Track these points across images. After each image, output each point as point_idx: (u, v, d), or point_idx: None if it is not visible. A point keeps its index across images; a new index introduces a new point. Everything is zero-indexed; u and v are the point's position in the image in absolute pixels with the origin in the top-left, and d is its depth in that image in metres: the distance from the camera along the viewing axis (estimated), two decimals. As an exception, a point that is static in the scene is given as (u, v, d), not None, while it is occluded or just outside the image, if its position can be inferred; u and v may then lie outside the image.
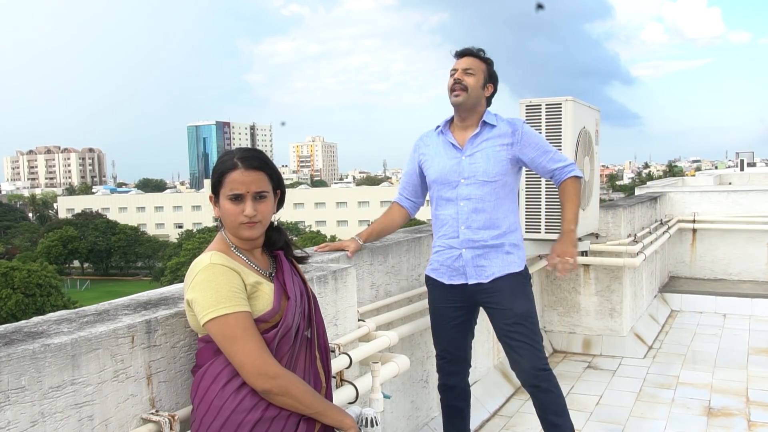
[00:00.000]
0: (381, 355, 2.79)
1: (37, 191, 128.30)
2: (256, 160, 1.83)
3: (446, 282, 3.00)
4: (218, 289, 1.73)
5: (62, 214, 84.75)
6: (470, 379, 4.17)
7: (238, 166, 1.80)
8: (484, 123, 2.93)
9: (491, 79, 2.97)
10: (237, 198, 1.80)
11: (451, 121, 3.04)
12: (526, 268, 3.00)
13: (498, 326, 2.97)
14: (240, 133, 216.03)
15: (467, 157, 2.91)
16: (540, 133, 4.64)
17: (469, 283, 2.94)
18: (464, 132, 2.97)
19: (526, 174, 4.70)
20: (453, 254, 2.96)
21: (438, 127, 3.05)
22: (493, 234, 2.91)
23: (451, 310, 3.02)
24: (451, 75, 2.95)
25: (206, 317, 1.71)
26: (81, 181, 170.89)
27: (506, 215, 2.94)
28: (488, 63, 2.97)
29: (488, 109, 3.00)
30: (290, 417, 1.77)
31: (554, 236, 4.66)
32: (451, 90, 2.91)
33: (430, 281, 3.10)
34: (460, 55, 2.97)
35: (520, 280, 2.96)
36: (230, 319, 1.71)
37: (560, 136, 4.55)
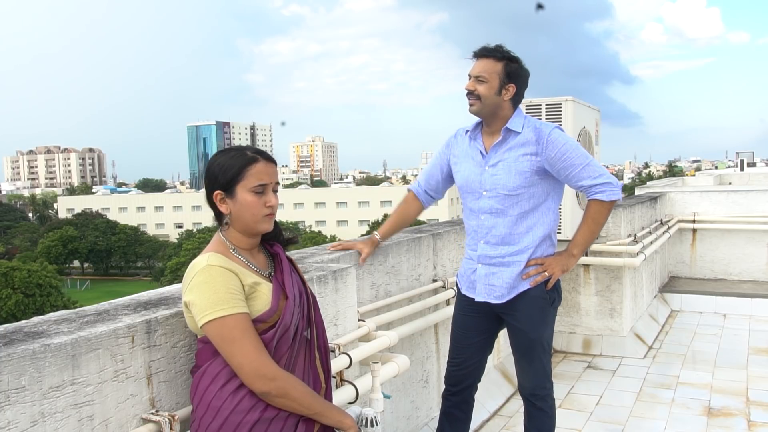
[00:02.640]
0: (381, 355, 2.79)
1: (37, 191, 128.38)
2: (267, 153, 1.89)
3: (462, 291, 2.94)
4: (216, 290, 1.72)
5: (62, 214, 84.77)
6: (470, 379, 4.17)
7: (260, 159, 1.83)
8: (508, 130, 2.70)
9: (511, 78, 2.67)
10: (261, 189, 1.83)
11: (481, 123, 2.84)
12: (547, 289, 2.77)
13: (511, 341, 2.90)
14: (240, 133, 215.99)
15: (490, 167, 2.72)
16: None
17: (477, 299, 2.84)
18: (491, 137, 2.76)
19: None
20: (471, 266, 2.86)
21: (467, 131, 2.86)
22: (510, 251, 2.73)
23: (470, 319, 2.91)
24: (468, 78, 2.73)
25: (204, 319, 1.71)
26: (81, 181, 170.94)
27: (530, 230, 2.73)
28: (507, 60, 2.67)
29: (519, 110, 2.76)
30: (289, 417, 1.77)
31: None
32: (468, 99, 2.72)
33: (457, 286, 3.03)
34: (476, 56, 2.70)
35: (539, 303, 2.77)
36: (228, 320, 1.71)
37: (560, 136, 4.55)
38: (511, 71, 2.67)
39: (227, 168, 1.82)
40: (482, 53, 2.68)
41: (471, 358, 2.93)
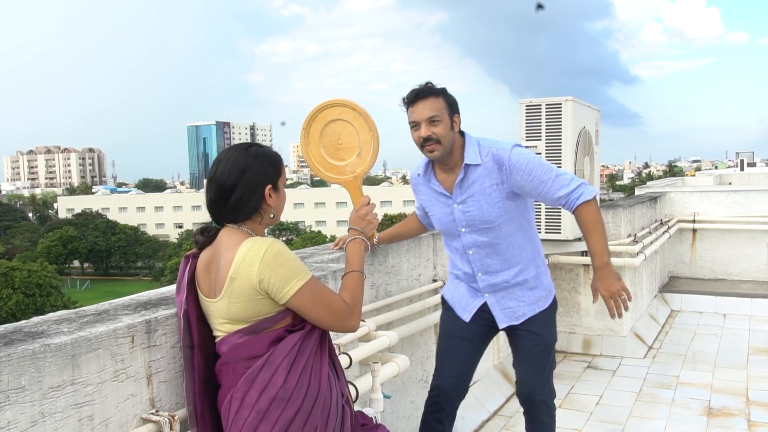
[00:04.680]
0: (381, 355, 2.79)
1: (37, 191, 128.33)
2: None
3: (459, 314, 2.79)
4: (293, 259, 1.78)
5: (62, 214, 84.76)
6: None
7: None
8: (467, 166, 2.57)
9: (453, 109, 2.54)
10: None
11: (431, 162, 2.67)
12: (554, 298, 2.81)
13: (519, 347, 2.78)
14: (240, 133, 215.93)
15: (459, 204, 2.61)
16: (540, 134, 4.64)
17: (500, 327, 2.74)
18: (448, 175, 2.63)
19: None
20: (474, 296, 2.76)
21: (419, 174, 2.71)
22: (513, 272, 2.68)
23: (467, 343, 2.79)
24: (413, 128, 2.54)
25: (296, 286, 1.75)
26: (81, 181, 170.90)
27: (523, 248, 2.68)
28: (443, 93, 2.53)
29: (467, 136, 2.61)
30: (338, 402, 1.85)
31: (553, 236, 4.66)
32: (422, 147, 2.53)
33: (446, 306, 2.87)
34: (413, 100, 2.51)
35: (552, 310, 2.81)
36: (313, 281, 1.80)
37: (560, 136, 4.55)
38: (451, 102, 2.54)
39: (276, 162, 1.89)
40: (421, 95, 2.50)
41: (460, 375, 2.80)
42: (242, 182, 1.81)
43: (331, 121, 2.20)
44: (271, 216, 1.89)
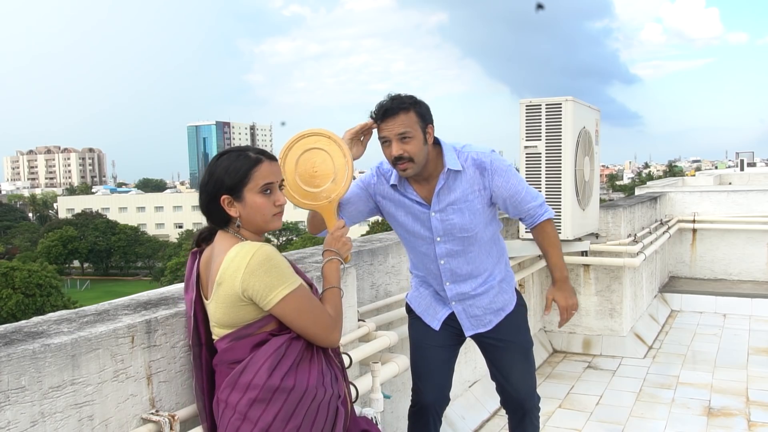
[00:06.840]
0: (381, 355, 2.79)
1: (37, 191, 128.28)
2: (269, 152, 1.90)
3: (428, 322, 2.70)
4: (280, 266, 1.75)
5: (62, 214, 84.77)
6: (470, 379, 4.18)
7: (263, 159, 1.83)
8: (449, 171, 2.45)
9: (426, 120, 2.39)
10: (269, 189, 1.83)
11: None
12: (520, 297, 2.75)
13: (501, 361, 2.70)
14: (240, 133, 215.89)
15: (437, 212, 2.49)
16: (540, 134, 4.64)
17: (468, 335, 2.68)
18: (423, 185, 2.50)
19: (526, 173, 4.70)
20: (441, 303, 2.68)
21: (393, 184, 2.51)
22: (480, 280, 2.61)
23: (441, 350, 2.70)
24: (383, 143, 2.40)
25: (279, 295, 1.73)
26: (81, 181, 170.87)
27: (490, 252, 2.62)
28: (414, 105, 2.37)
29: (442, 142, 2.49)
30: (331, 400, 1.83)
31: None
32: (394, 164, 2.40)
33: (414, 315, 2.75)
34: (383, 115, 2.36)
35: (521, 311, 2.73)
36: (299, 291, 1.77)
37: (560, 136, 4.56)
38: (422, 112, 2.38)
39: (233, 171, 1.80)
40: (390, 112, 2.35)
41: (446, 386, 2.73)
42: (205, 191, 1.82)
43: (307, 150, 2.27)
44: (237, 225, 1.83)
